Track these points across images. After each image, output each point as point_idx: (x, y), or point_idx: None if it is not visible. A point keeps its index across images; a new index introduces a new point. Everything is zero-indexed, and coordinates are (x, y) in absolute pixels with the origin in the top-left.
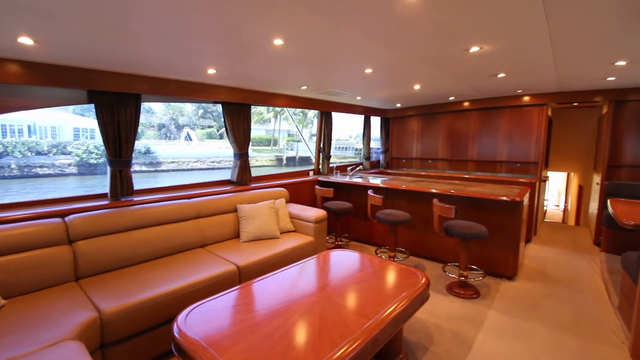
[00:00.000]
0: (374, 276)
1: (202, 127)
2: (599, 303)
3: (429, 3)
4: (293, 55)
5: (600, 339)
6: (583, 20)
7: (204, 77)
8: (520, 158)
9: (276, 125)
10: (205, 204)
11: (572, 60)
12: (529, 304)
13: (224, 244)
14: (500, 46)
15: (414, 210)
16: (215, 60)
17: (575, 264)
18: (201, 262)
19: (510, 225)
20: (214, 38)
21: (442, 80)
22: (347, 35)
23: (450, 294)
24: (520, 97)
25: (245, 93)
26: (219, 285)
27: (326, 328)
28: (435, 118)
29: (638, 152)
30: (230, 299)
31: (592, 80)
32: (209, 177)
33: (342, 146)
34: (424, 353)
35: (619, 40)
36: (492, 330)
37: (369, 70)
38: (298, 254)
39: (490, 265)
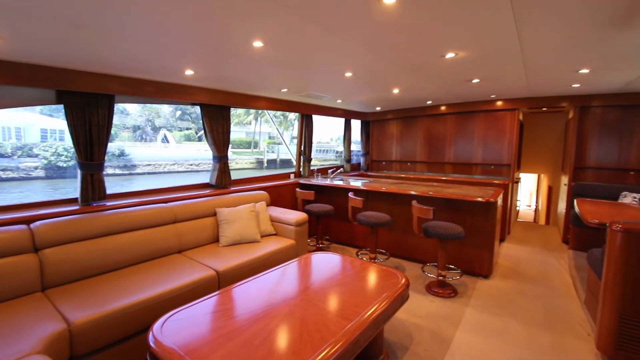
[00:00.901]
0: (355, 278)
1: (180, 129)
2: (567, 298)
3: (406, 10)
4: (273, 57)
5: (568, 332)
6: (550, 30)
7: (182, 78)
8: (494, 160)
9: (257, 127)
10: (183, 208)
11: (540, 68)
12: (503, 301)
13: (203, 248)
14: (474, 53)
15: (394, 212)
16: (193, 62)
17: (546, 261)
18: (179, 268)
19: (485, 225)
20: (191, 39)
21: (419, 84)
22: (327, 39)
23: (429, 294)
24: (494, 102)
25: (224, 95)
26: (197, 292)
27: (307, 331)
28: (413, 121)
29: (601, 154)
30: (209, 305)
31: (559, 86)
32: (187, 181)
33: (323, 149)
34: (404, 353)
35: (582, 50)
36: (470, 328)
37: (349, 73)
38: (279, 257)
39: (467, 265)
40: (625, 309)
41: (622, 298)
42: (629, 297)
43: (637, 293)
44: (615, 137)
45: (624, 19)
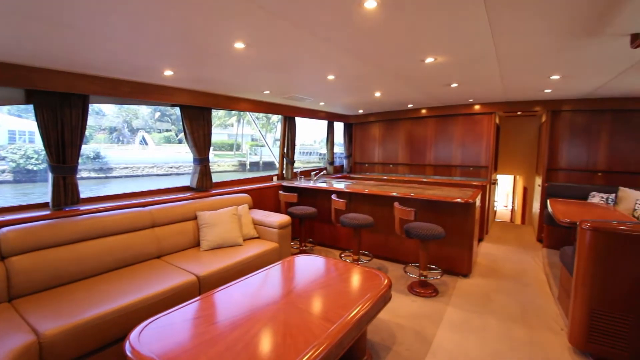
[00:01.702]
0: (338, 280)
1: (159, 130)
2: (542, 295)
3: (387, 16)
4: (255, 59)
5: (543, 327)
6: (523, 37)
7: (161, 78)
8: (473, 162)
9: (239, 129)
10: (162, 212)
11: (515, 73)
12: (482, 299)
13: (183, 253)
14: (452, 58)
15: (376, 213)
16: (172, 62)
17: (522, 259)
18: (157, 274)
19: (464, 226)
20: (170, 39)
21: (401, 88)
22: (309, 42)
23: (411, 294)
24: (472, 106)
25: (205, 96)
26: (177, 298)
27: (290, 335)
28: (395, 124)
29: (571, 156)
30: (189, 311)
31: (532, 91)
32: (167, 184)
33: (306, 151)
34: (387, 353)
35: (553, 57)
36: (450, 326)
37: (332, 76)
38: (262, 260)
39: (447, 264)
40: (594, 303)
41: (592, 293)
42: (597, 293)
43: (605, 288)
44: (584, 140)
45: (589, 29)
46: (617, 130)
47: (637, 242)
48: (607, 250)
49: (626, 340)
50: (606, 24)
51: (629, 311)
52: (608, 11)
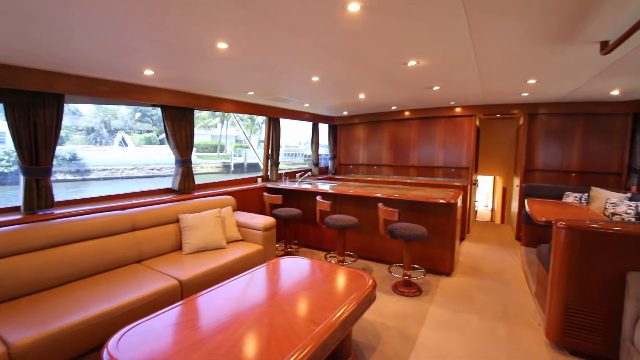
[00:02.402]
0: (323, 281)
1: (139, 131)
2: (520, 292)
3: (370, 19)
4: (238, 59)
5: (522, 323)
6: (501, 43)
7: (141, 78)
8: (454, 164)
9: (223, 130)
10: (142, 215)
11: (494, 77)
12: (464, 297)
13: (165, 257)
14: (434, 62)
15: (361, 214)
16: (153, 62)
17: (501, 258)
18: (138, 279)
19: (447, 226)
20: (151, 38)
21: (384, 90)
22: (293, 44)
23: (395, 293)
24: (453, 108)
25: (187, 97)
26: (158, 303)
27: (275, 338)
28: (379, 126)
29: (547, 158)
30: (171, 317)
31: (510, 95)
32: (148, 186)
33: (291, 152)
34: (372, 353)
35: (529, 62)
36: (433, 324)
37: (316, 78)
38: (246, 263)
39: (430, 264)
40: (569, 299)
41: (567, 289)
42: (572, 289)
43: (580, 284)
44: (558, 142)
45: (562, 36)
46: (589, 132)
47: (608, 240)
48: (581, 248)
49: (599, 333)
50: (578, 32)
51: (600, 305)
52: (579, 19)
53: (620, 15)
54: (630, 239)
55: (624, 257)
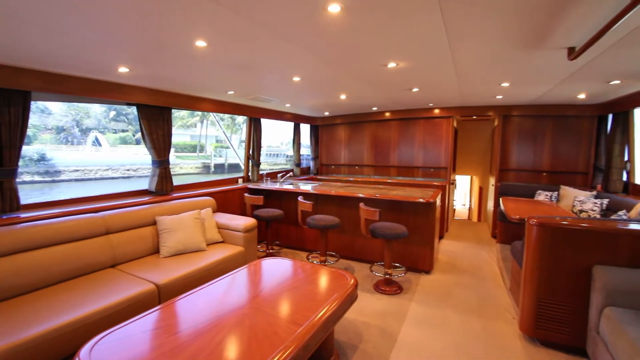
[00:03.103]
0: (305, 282)
1: (114, 130)
2: (496, 287)
3: (350, 20)
4: (218, 58)
5: (497, 317)
6: (476, 47)
7: (115, 75)
8: (433, 164)
9: (202, 130)
10: (116, 218)
11: (470, 80)
12: (443, 294)
13: (141, 261)
14: (413, 64)
15: (343, 214)
16: (128, 59)
17: (478, 255)
18: (112, 284)
19: (426, 224)
20: (126, 34)
21: (365, 91)
22: (274, 44)
23: (377, 292)
24: (432, 110)
25: (165, 96)
26: (134, 309)
27: (256, 340)
28: (361, 127)
29: (520, 158)
30: (148, 323)
31: (486, 97)
32: (124, 187)
33: (273, 153)
34: (354, 352)
35: (503, 66)
36: (414, 321)
37: (297, 78)
38: (227, 265)
39: (411, 262)
40: (541, 293)
41: (539, 284)
42: (543, 283)
43: (550, 279)
44: (530, 142)
45: (533, 42)
46: (558, 134)
47: (576, 236)
48: (551, 244)
49: (567, 324)
50: (547, 38)
51: (569, 298)
52: (548, 26)
53: (585, 23)
54: (596, 234)
55: (590, 252)
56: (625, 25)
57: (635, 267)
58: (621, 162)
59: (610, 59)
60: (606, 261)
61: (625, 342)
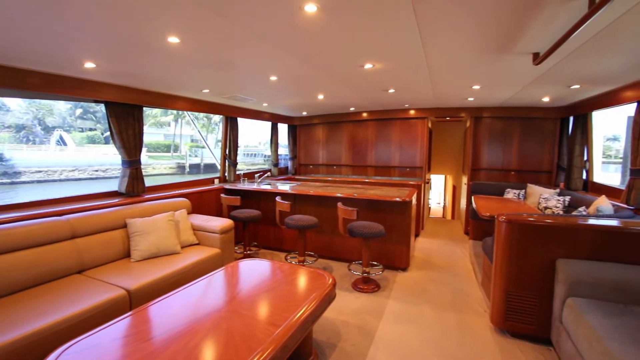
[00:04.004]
0: (283, 282)
1: (80, 129)
2: (469, 282)
3: (327, 21)
4: (191, 56)
5: (470, 311)
6: (449, 51)
7: (80, 71)
8: (409, 163)
9: (177, 129)
10: (83, 221)
11: (443, 82)
12: (419, 290)
13: (111, 266)
14: (389, 66)
15: (321, 214)
16: (95, 54)
17: (452, 251)
18: (79, 291)
19: (402, 223)
20: (92, 27)
21: (342, 92)
22: (250, 42)
23: (355, 290)
24: (408, 111)
25: (136, 93)
26: (103, 316)
27: (233, 343)
28: (338, 127)
29: (491, 158)
30: (119, 330)
31: (458, 99)
32: (92, 189)
33: (250, 153)
34: (332, 350)
35: (474, 69)
36: (391, 318)
37: (274, 78)
38: (203, 268)
39: (388, 260)
40: (509, 286)
41: (508, 277)
42: (512, 276)
43: (518, 272)
44: (500, 143)
45: (500, 47)
46: (525, 135)
47: (541, 231)
48: (519, 239)
49: (533, 315)
50: (513, 44)
51: (535, 290)
52: (514, 33)
53: (548, 30)
54: (559, 230)
55: (554, 246)
56: (583, 34)
57: (594, 260)
58: (581, 162)
59: (571, 65)
60: (568, 255)
61: (585, 329)
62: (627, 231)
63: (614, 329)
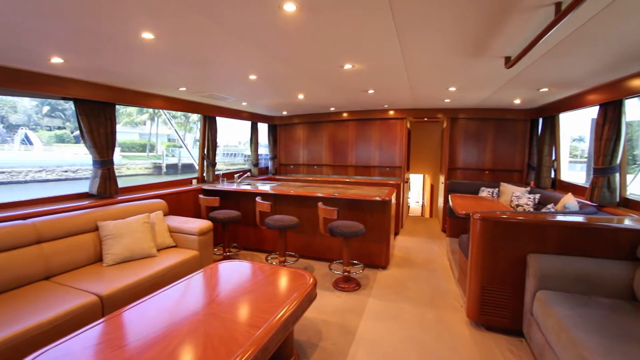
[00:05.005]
0: (263, 283)
1: (48, 127)
2: (446, 278)
3: (306, 20)
4: (167, 52)
5: (447, 306)
6: (426, 53)
7: (47, 66)
8: (389, 163)
9: (153, 128)
10: (50, 224)
11: (420, 84)
12: (398, 288)
13: (81, 271)
14: (368, 67)
15: (302, 214)
16: (63, 48)
17: (430, 249)
18: (46, 299)
19: (382, 222)
20: (59, 20)
21: (323, 92)
22: (228, 40)
23: (336, 290)
24: (387, 111)
25: (107, 90)
26: (73, 324)
27: (212, 347)
28: (319, 126)
29: (466, 157)
30: (90, 337)
31: (435, 100)
32: (60, 190)
33: (230, 152)
34: (314, 350)
35: (450, 72)
36: (371, 316)
37: (254, 77)
38: (180, 271)
39: (368, 258)
40: (484, 281)
41: (482, 273)
42: (486, 272)
43: (492, 267)
44: (475, 143)
45: (474, 51)
46: (499, 135)
47: (513, 228)
48: (492, 236)
49: (506, 308)
50: (486, 48)
51: (508, 284)
52: (488, 37)
53: (519, 35)
54: (530, 226)
55: (525, 242)
56: (550, 40)
57: (561, 254)
58: (550, 161)
59: (540, 69)
60: (538, 250)
61: (554, 320)
62: (591, 227)
63: (579, 319)
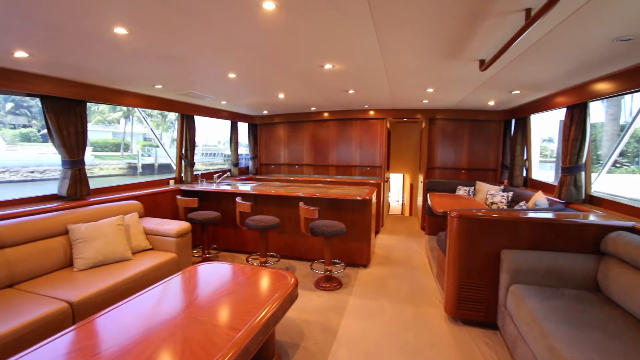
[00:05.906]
0: (244, 285)
1: (12, 126)
2: (425, 275)
3: (286, 19)
4: (141, 48)
5: (426, 303)
6: (404, 55)
7: (10, 61)
8: (369, 163)
9: (127, 127)
10: (13, 229)
11: (399, 84)
12: (379, 286)
13: (49, 277)
14: (348, 67)
15: (283, 214)
16: (27, 42)
17: (410, 247)
18: (9, 307)
19: (363, 221)
20: (21, 11)
21: (303, 91)
22: (205, 36)
23: (317, 289)
24: (367, 111)
25: (77, 87)
26: (41, 333)
27: (190, 352)
28: (300, 126)
29: (444, 157)
30: (60, 346)
31: (414, 101)
32: (27, 192)
33: (209, 152)
34: (296, 350)
35: (427, 73)
36: (353, 315)
37: (233, 75)
38: (157, 274)
39: (349, 257)
40: (461, 277)
41: (459, 269)
42: (463, 268)
43: (468, 263)
44: (452, 143)
45: (450, 53)
46: (474, 136)
47: (488, 225)
48: (468, 232)
49: (482, 302)
50: (462, 51)
51: (483, 279)
52: (462, 40)
53: (492, 38)
54: (504, 223)
55: (499, 238)
56: (521, 44)
57: (532, 249)
58: (522, 161)
59: (512, 72)
60: (511, 245)
61: (525, 313)
62: (559, 223)
63: (549, 310)
